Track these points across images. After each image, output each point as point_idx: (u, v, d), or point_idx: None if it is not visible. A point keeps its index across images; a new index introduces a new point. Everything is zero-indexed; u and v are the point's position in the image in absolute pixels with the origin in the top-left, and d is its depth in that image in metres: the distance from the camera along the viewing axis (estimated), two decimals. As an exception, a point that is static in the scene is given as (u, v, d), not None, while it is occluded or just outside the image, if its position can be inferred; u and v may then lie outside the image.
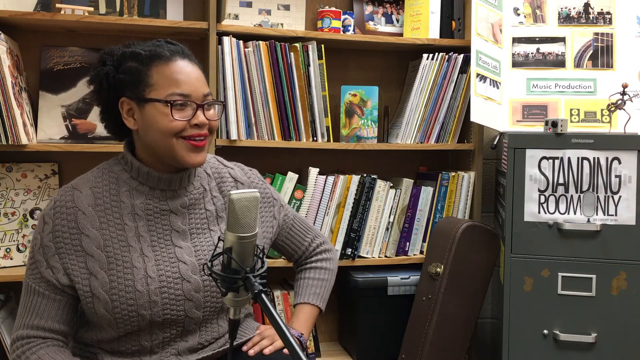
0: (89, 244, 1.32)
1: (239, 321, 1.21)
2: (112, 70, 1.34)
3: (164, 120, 1.30)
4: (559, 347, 2.03)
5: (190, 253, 1.38)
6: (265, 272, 1.15)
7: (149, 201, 1.37)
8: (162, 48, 1.34)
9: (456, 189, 2.34)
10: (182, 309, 1.35)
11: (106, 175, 1.39)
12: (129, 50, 1.35)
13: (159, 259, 1.35)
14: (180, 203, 1.39)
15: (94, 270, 1.31)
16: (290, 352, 1.01)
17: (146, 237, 1.35)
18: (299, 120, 2.15)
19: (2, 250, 2.00)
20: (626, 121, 2.10)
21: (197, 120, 1.32)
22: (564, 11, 2.35)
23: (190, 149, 1.33)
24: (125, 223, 1.35)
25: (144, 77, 1.32)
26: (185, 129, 1.32)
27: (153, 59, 1.32)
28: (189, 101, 1.32)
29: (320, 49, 2.17)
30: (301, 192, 2.17)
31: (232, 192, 1.10)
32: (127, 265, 1.32)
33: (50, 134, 2.08)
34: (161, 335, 1.36)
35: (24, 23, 2.01)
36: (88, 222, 1.33)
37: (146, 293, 1.31)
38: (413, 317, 2.20)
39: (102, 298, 1.30)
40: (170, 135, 1.31)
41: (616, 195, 2.00)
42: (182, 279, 1.35)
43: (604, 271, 2.01)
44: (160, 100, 1.30)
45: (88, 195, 1.35)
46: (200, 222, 1.42)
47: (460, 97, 2.32)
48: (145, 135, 1.34)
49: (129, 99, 1.34)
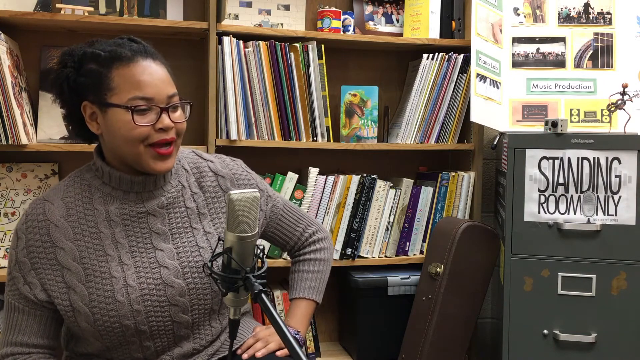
0: (64, 257, 1.27)
1: (239, 321, 1.21)
2: (73, 73, 1.27)
3: (127, 127, 1.24)
4: (559, 347, 2.03)
5: (172, 256, 1.33)
6: (265, 272, 1.16)
7: (124, 205, 1.31)
8: (123, 47, 1.27)
9: (456, 189, 2.34)
10: (168, 315, 1.30)
11: (77, 184, 1.34)
12: (89, 50, 1.27)
13: (139, 265, 1.30)
14: (158, 204, 1.33)
15: (72, 283, 1.27)
16: (290, 352, 1.01)
17: (124, 243, 1.30)
18: (299, 120, 2.15)
19: (2, 250, 2.00)
20: (626, 121, 2.10)
21: (161, 124, 1.25)
22: (564, 11, 2.35)
23: (156, 157, 1.27)
24: (101, 231, 1.30)
25: (104, 80, 1.25)
26: (150, 134, 1.25)
27: (113, 60, 1.25)
28: (152, 105, 1.25)
29: (320, 49, 2.17)
30: (301, 192, 2.17)
31: (232, 192, 1.09)
32: (105, 276, 1.27)
33: (50, 134, 2.08)
34: (152, 346, 1.32)
35: (24, 23, 2.01)
36: (61, 234, 1.28)
37: (127, 303, 1.26)
38: (413, 317, 2.20)
39: (82, 311, 1.26)
40: (135, 143, 1.25)
41: (616, 195, 2.00)
42: (164, 284, 1.30)
43: (604, 271, 2.00)
44: (121, 106, 1.23)
45: (59, 206, 1.30)
46: (182, 221, 1.36)
47: (460, 97, 2.32)
48: (110, 140, 1.29)
49: (91, 103, 1.27)
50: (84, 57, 1.27)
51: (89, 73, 1.26)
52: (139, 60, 1.26)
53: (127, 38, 1.31)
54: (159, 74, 1.28)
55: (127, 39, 1.31)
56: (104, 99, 1.25)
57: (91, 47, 1.29)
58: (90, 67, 1.26)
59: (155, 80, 1.26)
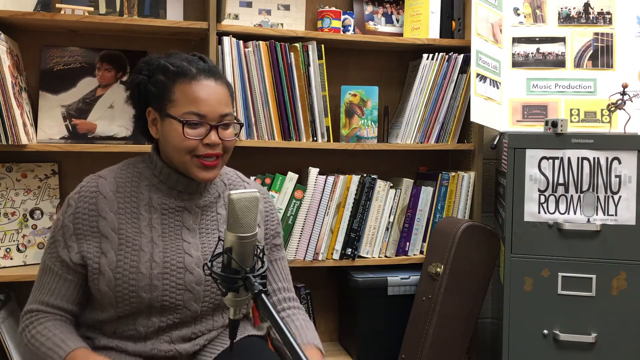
0: (105, 226, 1.39)
1: (239, 321, 1.21)
2: (145, 80, 1.41)
3: (178, 138, 1.37)
4: (559, 347, 2.04)
5: (197, 248, 1.43)
6: (265, 272, 1.16)
7: (165, 198, 1.44)
8: (191, 65, 1.40)
9: (456, 189, 2.34)
10: (181, 299, 1.40)
11: (130, 169, 1.47)
12: (163, 62, 1.40)
13: (167, 247, 1.41)
14: (195, 203, 1.46)
15: (106, 249, 1.37)
16: (290, 352, 1.01)
17: (158, 229, 1.41)
18: (299, 120, 2.15)
19: (2, 250, 2.00)
20: (626, 121, 2.10)
21: (209, 140, 1.37)
22: (564, 11, 2.35)
23: (201, 167, 1.39)
24: (141, 213, 1.41)
25: (167, 92, 1.38)
26: (197, 147, 1.37)
27: (179, 75, 1.38)
28: (204, 121, 1.37)
29: (320, 49, 2.17)
30: (301, 192, 2.17)
31: (232, 192, 1.10)
32: (135, 248, 1.38)
33: (50, 134, 2.08)
34: (157, 322, 1.40)
35: (24, 23, 2.01)
36: (107, 205, 1.40)
37: (148, 276, 1.36)
38: (413, 317, 2.20)
39: (107, 275, 1.35)
40: (183, 152, 1.38)
41: (616, 195, 2.00)
42: (185, 269, 1.40)
43: (604, 271, 2.01)
44: (176, 118, 1.36)
45: (111, 182, 1.43)
46: (211, 223, 1.48)
47: (460, 97, 2.32)
48: (164, 145, 1.42)
49: (154, 110, 1.41)
50: (157, 67, 1.41)
51: (157, 83, 1.40)
52: (201, 79, 1.38)
53: (199, 56, 1.44)
54: (217, 93, 1.40)
55: (198, 57, 1.44)
56: (164, 108, 1.39)
57: (167, 58, 1.43)
58: (159, 78, 1.40)
59: (212, 99, 1.38)
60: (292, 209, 2.15)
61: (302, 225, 2.16)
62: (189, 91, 1.37)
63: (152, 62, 1.43)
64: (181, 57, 1.42)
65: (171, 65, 1.39)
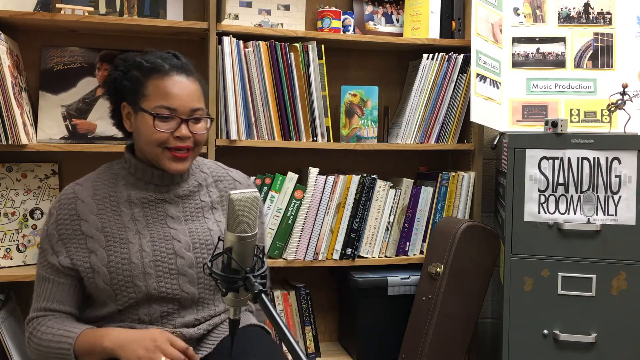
0: (88, 227, 1.44)
1: (239, 321, 1.21)
2: (120, 76, 1.47)
3: (149, 130, 1.42)
4: (559, 347, 2.04)
5: (185, 233, 1.48)
6: (265, 272, 1.16)
7: (144, 192, 1.49)
8: (164, 61, 1.45)
9: (456, 189, 2.34)
10: (177, 284, 1.44)
11: (107, 173, 1.53)
12: (138, 59, 1.46)
13: (154, 236, 1.46)
14: (174, 193, 1.51)
15: (94, 248, 1.42)
16: (290, 352, 1.01)
17: (141, 221, 1.47)
18: (299, 120, 2.15)
19: (2, 250, 2.00)
20: (626, 121, 2.10)
21: (179, 133, 1.42)
22: (564, 11, 2.35)
23: (172, 159, 1.45)
24: (122, 210, 1.47)
25: (141, 87, 1.44)
26: (168, 140, 1.43)
27: (152, 71, 1.44)
28: (174, 115, 1.42)
29: (320, 49, 2.17)
30: (301, 192, 2.17)
31: (232, 192, 1.10)
32: (123, 242, 1.43)
33: (50, 134, 2.08)
34: (159, 309, 1.44)
35: (24, 23, 2.01)
36: (87, 209, 1.45)
37: (140, 265, 1.41)
38: (413, 317, 2.20)
39: (101, 272, 1.41)
40: (154, 145, 1.43)
41: (616, 195, 2.00)
42: (175, 255, 1.45)
43: (604, 271, 2.01)
44: (147, 111, 1.42)
45: (88, 187, 1.49)
46: (195, 211, 1.52)
47: (460, 97, 2.32)
48: (137, 139, 1.48)
49: (128, 104, 1.47)
50: (132, 64, 1.47)
51: (131, 79, 1.45)
52: (173, 75, 1.44)
53: (173, 54, 1.50)
54: (188, 89, 1.45)
55: (172, 54, 1.50)
56: (137, 103, 1.44)
57: (142, 56, 1.48)
58: (133, 73, 1.45)
59: (183, 94, 1.44)
60: (292, 209, 2.15)
61: (302, 225, 2.16)
62: (161, 86, 1.42)
63: (129, 59, 1.48)
64: (156, 55, 1.48)
65: (145, 62, 1.45)
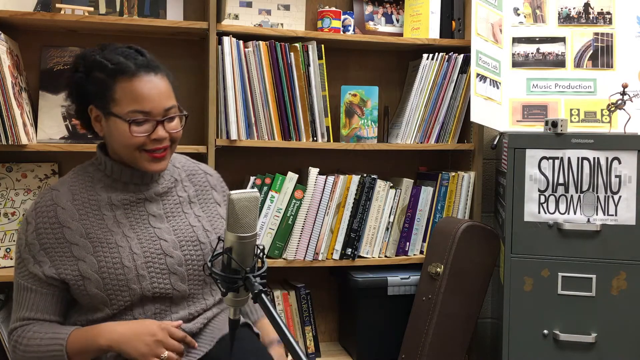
0: (72, 234, 1.39)
1: (239, 321, 1.21)
2: (82, 78, 1.40)
3: (125, 135, 1.37)
4: (559, 347, 2.03)
5: (169, 232, 1.46)
6: (265, 272, 1.16)
7: (124, 193, 1.45)
8: (128, 60, 1.38)
9: (456, 189, 2.34)
10: (169, 282, 1.42)
11: (81, 176, 1.48)
12: (99, 59, 1.39)
13: (141, 237, 1.43)
14: (154, 191, 1.48)
15: (80, 256, 1.38)
16: (290, 352, 1.01)
17: (125, 223, 1.43)
18: (299, 120, 2.15)
19: (2, 250, 2.00)
20: (626, 121, 2.10)
21: (156, 135, 1.39)
22: (564, 11, 2.35)
23: (150, 160, 1.41)
24: (104, 213, 1.42)
25: (108, 91, 1.37)
26: (145, 143, 1.39)
27: (118, 73, 1.37)
28: (149, 118, 1.38)
29: (320, 49, 2.17)
30: (301, 192, 2.17)
31: (232, 192, 1.10)
32: (112, 246, 1.39)
33: (50, 134, 2.08)
34: (152, 308, 1.42)
35: (24, 23, 2.01)
36: (68, 215, 1.40)
37: (134, 268, 1.39)
38: (413, 317, 2.20)
39: (92, 279, 1.37)
40: (132, 149, 1.39)
41: (616, 195, 2.00)
42: (164, 254, 1.43)
43: (604, 271, 2.00)
44: (121, 117, 1.37)
45: (66, 192, 1.43)
46: (175, 207, 1.50)
47: (460, 97, 2.32)
48: (110, 142, 1.44)
49: (96, 108, 1.41)
50: (93, 65, 1.39)
51: (95, 81, 1.38)
52: (142, 75, 1.38)
53: (135, 49, 1.44)
54: (159, 88, 1.39)
55: (134, 50, 1.43)
56: (107, 107, 1.38)
57: (102, 53, 1.41)
58: (97, 75, 1.38)
59: (154, 94, 1.38)
60: (292, 209, 2.15)
61: (302, 225, 2.16)
62: (131, 89, 1.36)
63: (87, 58, 1.41)
64: (117, 52, 1.41)
65: (109, 62, 1.37)
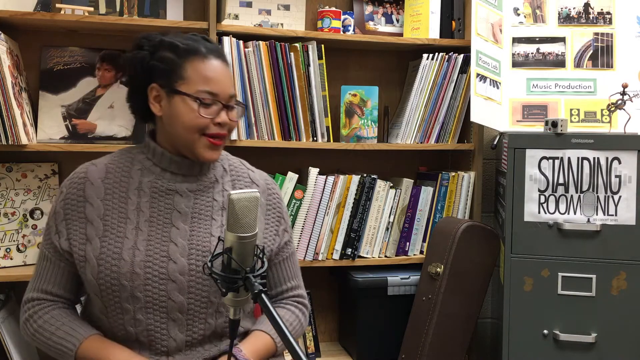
0: (92, 212, 1.38)
1: (239, 321, 1.21)
2: (148, 56, 1.38)
3: (190, 115, 1.35)
4: (559, 347, 2.04)
5: (185, 236, 1.39)
6: (265, 272, 1.16)
7: (157, 180, 1.41)
8: (199, 43, 1.39)
9: (456, 189, 2.34)
10: (165, 289, 1.34)
11: (124, 155, 1.46)
12: (167, 40, 1.39)
13: (152, 235, 1.38)
14: (188, 186, 1.42)
15: (90, 236, 1.36)
16: (290, 352, 1.01)
17: (146, 212, 1.39)
18: (299, 120, 2.15)
19: (2, 250, 2.00)
20: (626, 121, 2.10)
21: (220, 119, 1.37)
22: (564, 11, 2.35)
23: (208, 146, 1.38)
24: (129, 197, 1.39)
25: (178, 68, 1.36)
26: (208, 126, 1.37)
27: (190, 53, 1.37)
28: (217, 100, 1.37)
29: (320, 49, 2.17)
30: (301, 192, 2.17)
31: (232, 192, 1.10)
32: (119, 235, 1.36)
33: (50, 134, 2.08)
34: (144, 321, 1.34)
35: (24, 23, 2.01)
36: (94, 192, 1.39)
37: (130, 263, 1.34)
38: (413, 317, 2.20)
39: (91, 263, 1.34)
40: (193, 130, 1.36)
41: (616, 195, 2.00)
42: (168, 258, 1.36)
43: (604, 271, 2.01)
44: (190, 95, 1.35)
45: (101, 169, 1.42)
46: (205, 209, 1.43)
47: (460, 97, 2.32)
48: (169, 123, 1.39)
49: (159, 87, 1.38)
50: (161, 44, 1.38)
51: (163, 59, 1.37)
52: (212, 59, 1.38)
53: (201, 36, 1.43)
54: (226, 74, 1.41)
55: (201, 37, 1.43)
56: (173, 85, 1.36)
57: (171, 36, 1.40)
58: (165, 54, 1.37)
59: (223, 79, 1.39)
60: (292, 209, 2.15)
61: (302, 225, 2.16)
62: (201, 68, 1.36)
63: (153, 38, 1.40)
64: (184, 36, 1.41)
65: (180, 43, 1.37)
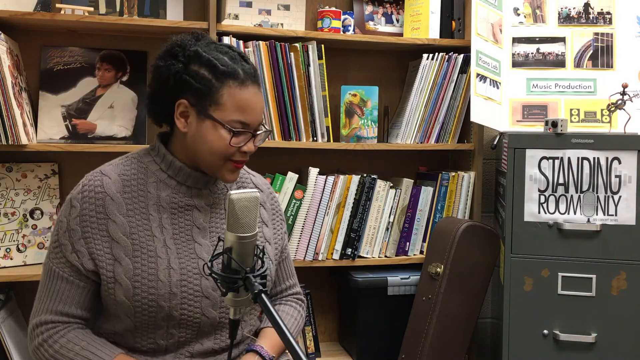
0: (116, 230, 1.31)
1: (239, 321, 1.21)
2: (182, 69, 1.32)
3: (220, 143, 1.31)
4: (559, 347, 2.04)
5: (208, 251, 1.38)
6: (265, 272, 1.16)
7: (174, 195, 1.37)
8: (237, 64, 1.33)
9: (456, 189, 2.34)
10: (199, 306, 1.33)
11: (135, 165, 1.39)
12: (205, 54, 1.32)
13: (180, 252, 1.34)
14: (205, 201, 1.40)
15: (119, 256, 1.30)
16: (290, 352, 1.01)
17: (169, 230, 1.35)
18: (299, 120, 2.15)
19: (2, 250, 2.00)
20: (626, 121, 2.10)
21: (247, 148, 1.35)
22: (564, 11, 2.35)
23: (231, 170, 1.36)
24: (150, 213, 1.34)
25: (214, 92, 1.31)
26: (234, 153, 1.34)
27: (228, 76, 1.31)
28: (247, 130, 1.34)
29: (320, 49, 2.17)
30: (301, 192, 2.17)
31: (232, 192, 1.10)
32: (151, 255, 1.31)
33: (50, 134, 2.08)
34: (177, 335, 1.34)
35: (24, 23, 2.01)
36: (115, 208, 1.32)
37: (167, 284, 1.30)
38: (413, 317, 2.20)
39: (124, 284, 1.28)
40: (220, 157, 1.33)
41: (616, 195, 2.00)
42: (200, 275, 1.34)
43: (604, 271, 2.00)
44: (222, 124, 1.31)
45: (117, 181, 1.35)
46: (220, 222, 1.42)
47: (460, 97, 2.32)
48: (194, 143, 1.34)
49: (190, 104, 1.32)
50: (197, 56, 1.32)
51: (199, 77, 1.31)
52: (249, 85, 1.33)
53: (238, 53, 1.36)
54: (260, 102, 1.36)
55: (238, 54, 1.36)
56: (206, 109, 1.31)
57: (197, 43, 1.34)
58: (202, 72, 1.31)
59: (257, 108, 1.35)
60: (292, 209, 2.15)
61: (302, 225, 2.16)
62: (238, 97, 1.31)
63: (187, 47, 1.33)
64: (219, 50, 1.34)
65: (218, 63, 1.31)
